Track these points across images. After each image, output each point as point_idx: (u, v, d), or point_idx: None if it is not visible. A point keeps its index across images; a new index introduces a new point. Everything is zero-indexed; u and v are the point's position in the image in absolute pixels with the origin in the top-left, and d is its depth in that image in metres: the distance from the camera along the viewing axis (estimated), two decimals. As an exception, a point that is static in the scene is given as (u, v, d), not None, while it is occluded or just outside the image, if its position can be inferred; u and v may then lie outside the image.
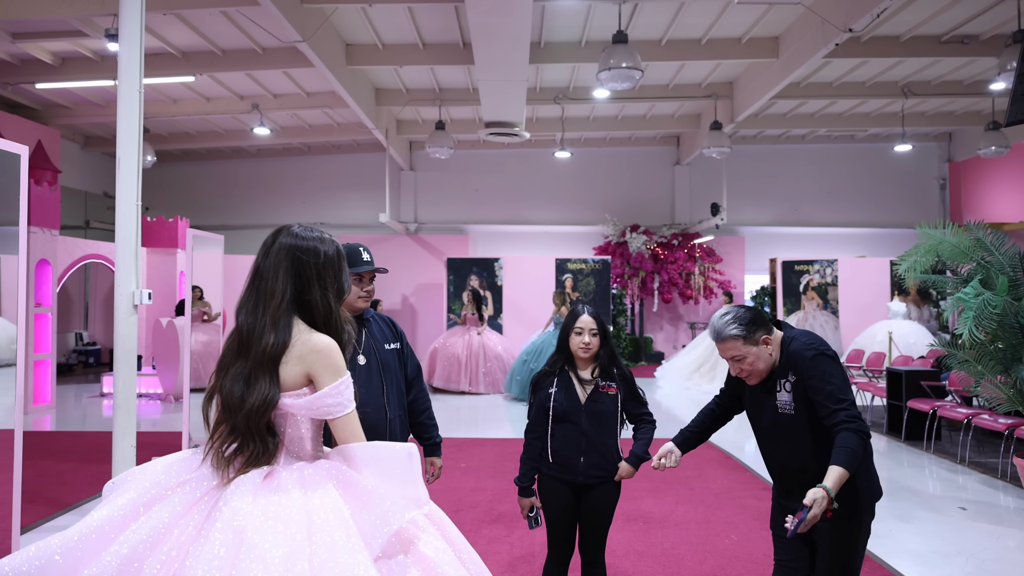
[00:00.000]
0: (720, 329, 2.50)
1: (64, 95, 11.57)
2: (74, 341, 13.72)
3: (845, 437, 2.30)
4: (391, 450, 1.69)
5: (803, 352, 2.44)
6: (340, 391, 1.69)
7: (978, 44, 9.93)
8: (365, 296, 2.70)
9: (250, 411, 1.64)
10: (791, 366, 2.46)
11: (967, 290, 4.53)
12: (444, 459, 6.47)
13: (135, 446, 4.36)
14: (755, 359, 2.49)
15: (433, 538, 1.69)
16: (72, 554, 1.53)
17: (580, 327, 2.99)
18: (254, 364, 1.67)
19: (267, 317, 1.70)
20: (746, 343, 2.47)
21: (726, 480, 5.86)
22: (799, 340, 2.49)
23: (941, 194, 16.03)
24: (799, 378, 2.43)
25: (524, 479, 3.03)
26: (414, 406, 2.92)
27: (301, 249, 1.76)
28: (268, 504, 1.55)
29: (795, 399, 2.46)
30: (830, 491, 2.21)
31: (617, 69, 7.81)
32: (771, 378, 2.52)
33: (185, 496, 1.60)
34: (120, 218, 4.31)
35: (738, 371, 2.54)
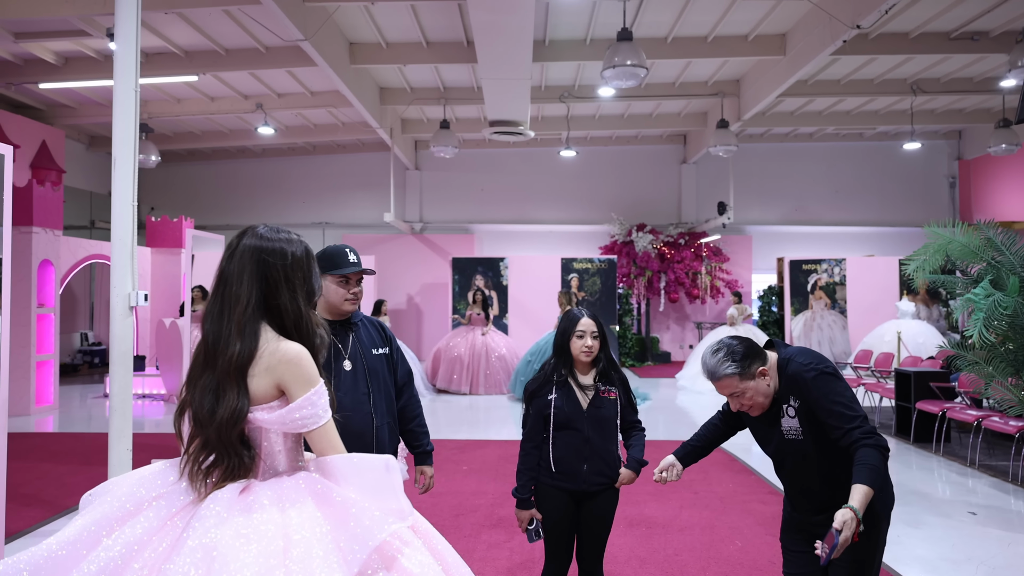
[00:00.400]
0: (714, 369, 2.38)
1: (68, 95, 11.57)
2: (79, 341, 13.73)
3: (865, 453, 2.21)
4: (369, 461, 1.63)
5: (803, 374, 2.33)
6: (312, 402, 1.61)
7: (988, 40, 9.80)
8: (352, 298, 2.64)
9: (220, 424, 1.57)
10: (792, 390, 2.36)
11: (977, 291, 4.43)
12: (446, 461, 6.46)
13: (131, 449, 4.31)
14: (754, 393, 2.39)
15: (417, 552, 1.63)
16: (41, 572, 1.47)
17: (582, 330, 2.90)
18: (222, 375, 1.60)
19: (232, 324, 1.62)
20: (743, 379, 2.36)
21: (732, 484, 5.77)
22: (796, 361, 2.38)
23: (951, 192, 15.86)
24: (803, 401, 2.33)
25: (523, 491, 2.94)
26: (404, 413, 2.84)
27: (267, 251, 1.68)
28: (242, 521, 1.49)
29: (802, 423, 2.36)
30: (858, 512, 2.11)
31: (622, 67, 7.73)
32: (773, 405, 2.42)
33: (160, 511, 1.54)
34: (116, 219, 4.26)
35: (738, 407, 2.44)
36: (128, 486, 1.61)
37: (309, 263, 1.74)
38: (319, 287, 1.78)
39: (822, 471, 2.37)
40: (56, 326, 9.27)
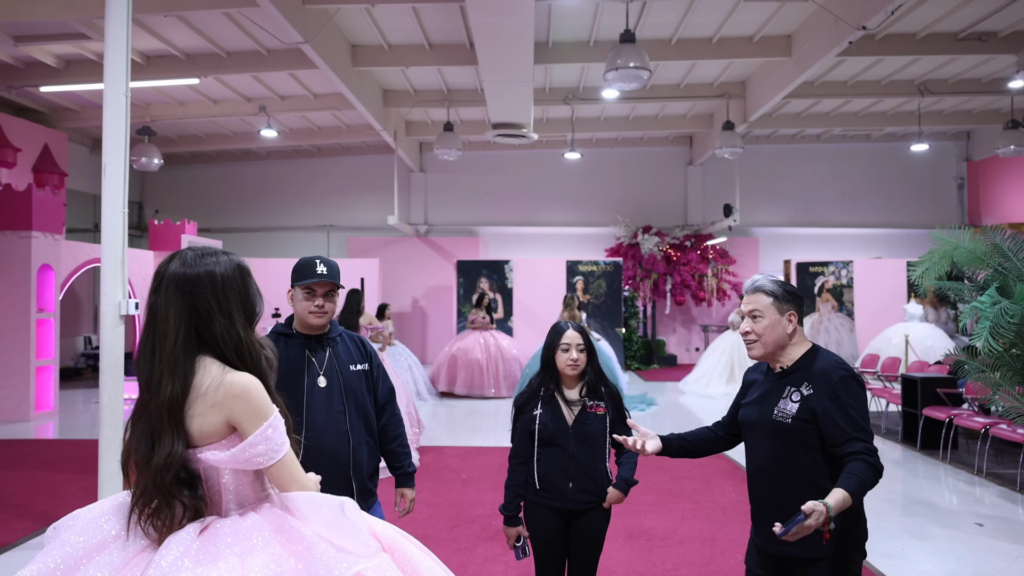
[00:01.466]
0: (758, 280, 2.36)
1: (71, 98, 11.57)
2: (83, 345, 13.74)
3: (860, 467, 2.13)
4: (327, 501, 1.54)
5: (833, 370, 2.26)
6: (267, 436, 1.51)
7: (996, 41, 9.66)
8: (317, 311, 2.54)
9: (155, 471, 1.48)
10: (811, 378, 2.27)
11: (983, 298, 4.32)
12: (445, 469, 6.38)
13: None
14: (771, 326, 2.30)
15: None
16: None
17: (567, 343, 2.82)
18: (156, 418, 1.51)
19: (163, 364, 1.51)
20: (774, 304, 2.31)
21: (734, 493, 5.67)
22: (831, 359, 2.32)
23: (959, 194, 15.69)
24: (816, 393, 2.23)
25: (509, 507, 2.88)
26: (384, 432, 2.75)
27: (191, 280, 1.55)
28: (198, 563, 1.41)
29: (799, 412, 2.24)
30: (831, 509, 2.00)
31: (624, 69, 7.64)
32: (783, 380, 2.32)
33: (114, 556, 1.47)
34: (106, 226, 4.21)
35: (748, 330, 2.35)
36: (90, 521, 1.54)
37: (243, 280, 1.61)
38: (260, 305, 1.66)
39: (788, 469, 2.26)
40: (56, 331, 9.25)
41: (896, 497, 5.83)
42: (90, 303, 14.21)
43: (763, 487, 2.34)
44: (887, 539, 4.71)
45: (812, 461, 2.24)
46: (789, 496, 2.22)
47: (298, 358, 2.53)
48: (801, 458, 2.24)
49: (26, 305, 8.66)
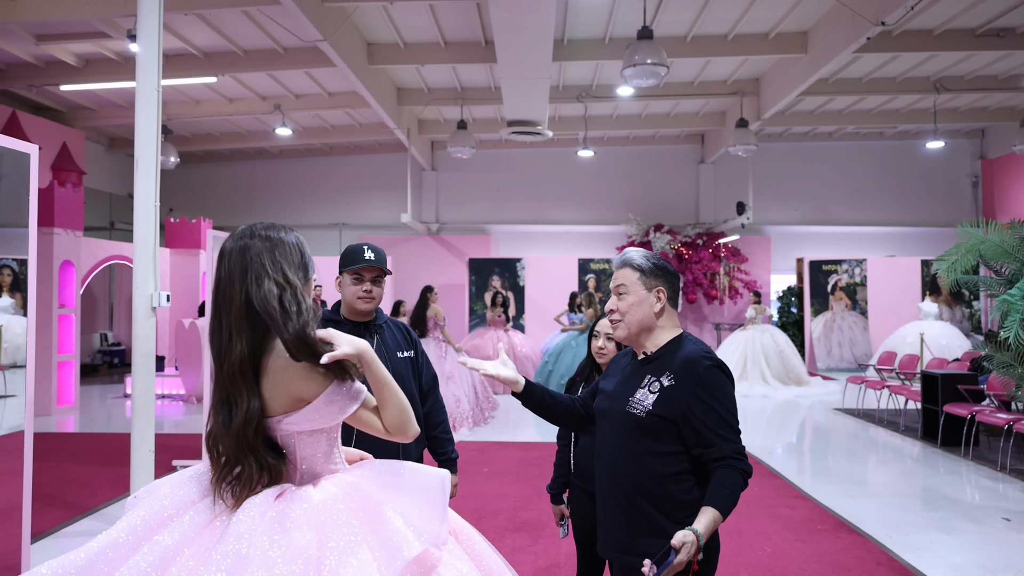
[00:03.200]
0: (627, 254, 2.13)
1: (88, 97, 11.65)
2: (99, 342, 13.83)
3: (728, 476, 1.89)
4: (423, 475, 1.57)
5: (699, 360, 1.99)
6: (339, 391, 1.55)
7: (1014, 37, 9.62)
8: (366, 296, 2.57)
9: (237, 432, 1.52)
10: (674, 367, 2.00)
11: (1013, 291, 4.32)
12: (466, 463, 6.42)
13: (153, 450, 4.30)
14: (636, 304, 2.07)
15: (456, 559, 1.58)
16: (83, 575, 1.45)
17: (597, 331, 2.89)
18: (229, 381, 1.54)
19: (230, 326, 1.55)
20: (641, 279, 2.08)
21: (756, 488, 5.68)
22: (697, 346, 2.06)
23: (973, 192, 15.61)
24: (677, 385, 1.97)
25: (553, 485, 2.96)
26: (429, 419, 2.78)
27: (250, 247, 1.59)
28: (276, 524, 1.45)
29: (656, 405, 1.98)
30: (700, 537, 1.80)
31: (642, 65, 7.64)
32: (644, 367, 2.07)
33: (195, 519, 1.51)
34: (138, 219, 4.25)
35: (612, 308, 2.11)
36: (167, 489, 1.58)
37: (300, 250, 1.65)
38: (311, 271, 1.67)
39: (628, 474, 2.01)
40: (77, 327, 9.32)
41: (918, 492, 5.82)
42: (106, 300, 14.30)
43: (605, 487, 2.09)
44: (914, 532, 4.71)
45: (663, 465, 1.98)
46: (631, 504, 2.00)
47: None
48: (650, 461, 1.98)
49: (48, 301, 8.73)
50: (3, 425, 4.45)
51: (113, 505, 5.09)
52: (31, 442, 3.47)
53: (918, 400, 7.88)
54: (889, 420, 8.62)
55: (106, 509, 5.03)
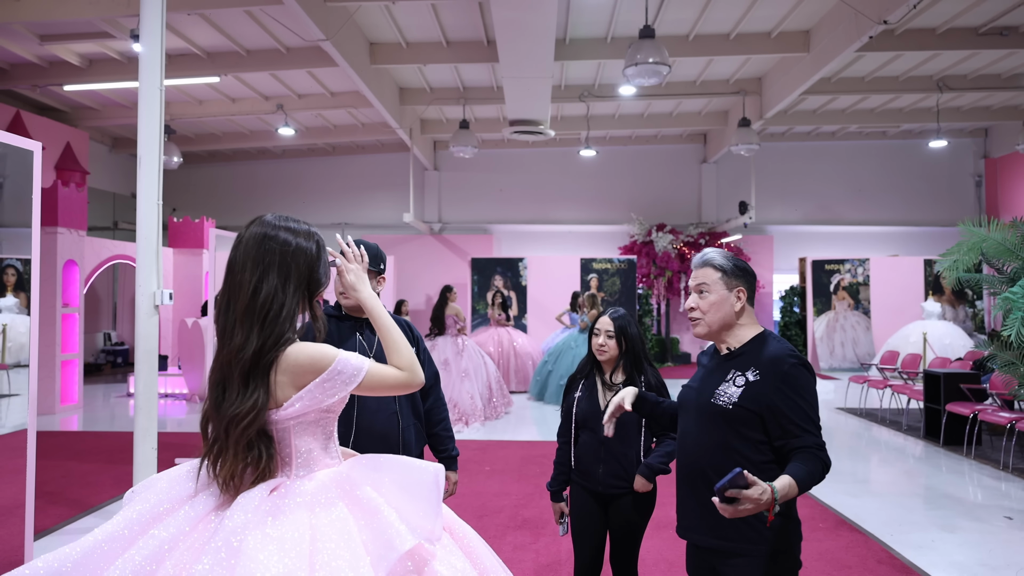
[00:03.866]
0: (707, 254, 2.19)
1: (92, 97, 11.69)
2: (103, 341, 13.87)
3: (807, 457, 1.96)
4: (420, 469, 1.58)
5: (785, 357, 2.06)
6: (338, 371, 1.55)
7: (1017, 36, 9.61)
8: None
9: (228, 421, 1.53)
10: (760, 363, 2.07)
11: (1015, 289, 4.31)
12: (468, 461, 6.42)
13: (156, 448, 4.32)
14: (718, 303, 2.13)
15: (451, 555, 1.58)
16: (79, 568, 1.47)
17: (598, 328, 2.92)
18: (225, 367, 1.56)
19: (235, 313, 1.56)
20: (722, 279, 2.14)
21: (758, 486, 5.68)
22: (781, 345, 2.12)
23: (977, 191, 15.59)
24: (762, 380, 2.04)
25: (553, 483, 2.97)
26: (430, 416, 2.80)
27: (269, 237, 1.62)
28: (269, 522, 1.45)
29: (742, 399, 2.04)
30: (777, 494, 1.81)
31: (644, 65, 7.64)
32: (728, 362, 2.14)
33: (191, 513, 1.52)
34: (141, 218, 4.27)
35: (693, 305, 2.18)
36: (164, 484, 1.59)
37: (317, 253, 1.67)
38: (325, 281, 1.70)
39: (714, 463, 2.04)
40: (80, 326, 9.35)
41: (920, 491, 5.82)
42: (110, 300, 14.35)
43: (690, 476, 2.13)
44: (915, 531, 4.71)
45: (749, 452, 2.04)
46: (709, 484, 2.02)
47: (349, 340, 2.57)
48: (737, 448, 2.04)
49: (52, 300, 8.76)
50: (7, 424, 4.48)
51: (116, 503, 5.11)
52: (34, 440, 3.48)
53: (920, 399, 7.87)
54: (892, 419, 8.61)
55: (109, 507, 5.05)
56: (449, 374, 8.50)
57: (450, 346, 8.67)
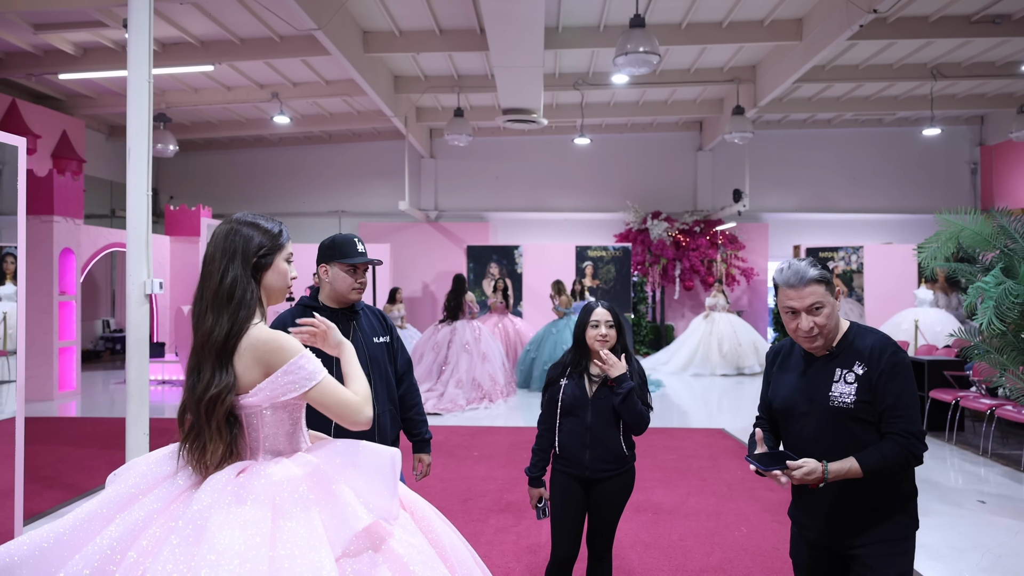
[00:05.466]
0: (802, 271, 2.13)
1: (88, 85, 11.72)
2: (101, 328, 13.99)
3: (888, 444, 2.05)
4: (375, 452, 1.67)
5: (886, 347, 2.12)
6: (300, 365, 1.66)
7: (1010, 24, 9.60)
8: (358, 288, 2.68)
9: (199, 402, 1.64)
10: (861, 357, 2.12)
11: (987, 279, 4.40)
12: (457, 447, 6.54)
13: (148, 433, 4.42)
14: (830, 314, 2.13)
15: (408, 534, 1.67)
16: (60, 544, 1.58)
17: (596, 320, 2.97)
18: (198, 352, 1.68)
19: (206, 300, 1.69)
20: (828, 290, 2.13)
21: (739, 471, 5.79)
22: (876, 334, 2.18)
23: (972, 179, 15.61)
24: (870, 370, 2.09)
25: (533, 469, 3.06)
26: (404, 401, 2.89)
27: (234, 231, 1.76)
28: (234, 497, 1.56)
29: (859, 394, 2.09)
30: (827, 473, 1.99)
31: (634, 54, 7.68)
32: (831, 362, 2.16)
33: (163, 493, 1.63)
34: (131, 208, 4.35)
35: (809, 327, 2.12)
36: (142, 467, 1.70)
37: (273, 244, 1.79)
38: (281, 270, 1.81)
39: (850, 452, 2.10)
40: (77, 313, 9.45)
41: (901, 476, 5.92)
42: (108, 287, 14.45)
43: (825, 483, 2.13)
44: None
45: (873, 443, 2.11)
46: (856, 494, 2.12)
47: None
48: (865, 442, 2.10)
49: (49, 288, 8.86)
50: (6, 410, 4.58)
51: (110, 487, 5.22)
52: (22, 426, 3.59)
53: (906, 386, 7.96)
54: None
55: (102, 491, 5.16)
56: (471, 356, 8.98)
57: (468, 331, 9.15)
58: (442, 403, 8.52)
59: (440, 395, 8.66)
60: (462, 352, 8.99)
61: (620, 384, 2.85)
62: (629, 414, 2.87)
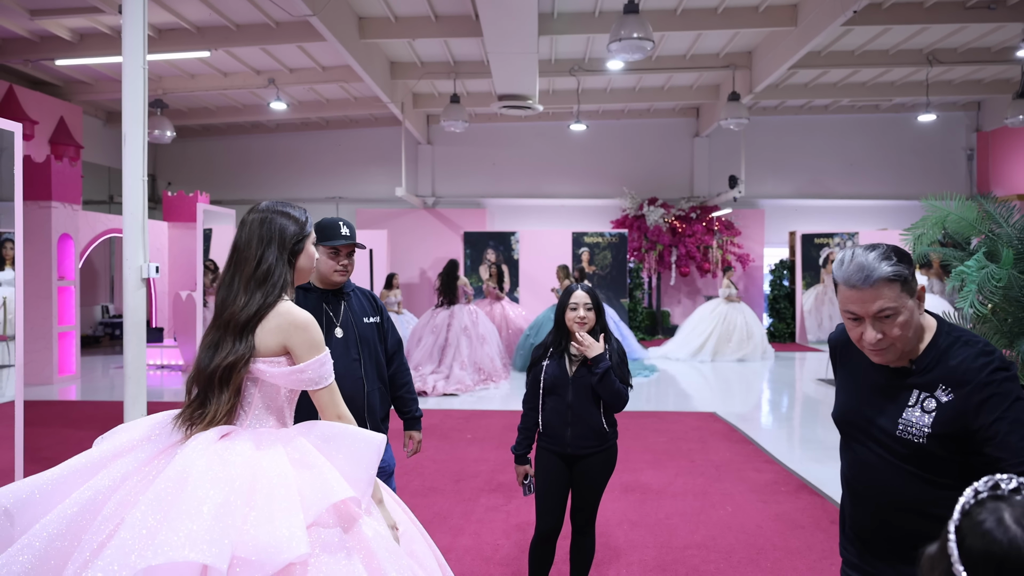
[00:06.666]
0: (869, 266, 1.60)
1: (85, 71, 11.74)
2: (100, 314, 14.07)
3: None
4: (359, 438, 1.76)
5: (979, 365, 1.59)
6: (322, 363, 1.81)
7: (1005, 9, 9.62)
8: (341, 270, 2.75)
9: (215, 369, 1.76)
10: (947, 377, 1.62)
11: (970, 263, 4.46)
12: (451, 430, 6.64)
13: (146, 415, 4.51)
14: (908, 321, 1.62)
15: (376, 522, 1.75)
16: (47, 492, 1.67)
17: (575, 303, 3.06)
18: (223, 329, 1.79)
19: (241, 283, 1.82)
20: (904, 290, 1.61)
21: (728, 452, 5.90)
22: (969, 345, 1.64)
23: (968, 165, 15.65)
24: (957, 398, 1.60)
25: (519, 447, 3.17)
26: (394, 380, 2.97)
27: (269, 219, 1.90)
28: (217, 456, 1.65)
29: (935, 427, 1.61)
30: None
31: (628, 40, 7.70)
32: (906, 381, 1.68)
33: (149, 449, 1.73)
34: (127, 194, 4.42)
35: (876, 339, 1.63)
36: (129, 429, 1.79)
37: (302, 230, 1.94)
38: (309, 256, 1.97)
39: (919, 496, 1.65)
40: (76, 298, 9.53)
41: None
42: (107, 273, 14.52)
43: (877, 514, 1.74)
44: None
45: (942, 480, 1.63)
46: (899, 529, 1.68)
47: (317, 310, 2.73)
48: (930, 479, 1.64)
49: (47, 273, 8.93)
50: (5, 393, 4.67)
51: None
52: (21, 409, 3.67)
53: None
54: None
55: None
56: (470, 339, 9.17)
57: (466, 314, 9.35)
58: (450, 385, 8.72)
59: (446, 377, 8.85)
60: (462, 335, 9.15)
61: (597, 364, 2.94)
62: (606, 392, 2.97)
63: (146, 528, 1.49)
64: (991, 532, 0.90)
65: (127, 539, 1.48)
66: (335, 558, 1.57)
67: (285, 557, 1.47)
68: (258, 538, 1.48)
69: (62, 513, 1.60)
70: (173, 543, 1.43)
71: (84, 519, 1.60)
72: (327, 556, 1.57)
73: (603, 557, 3.79)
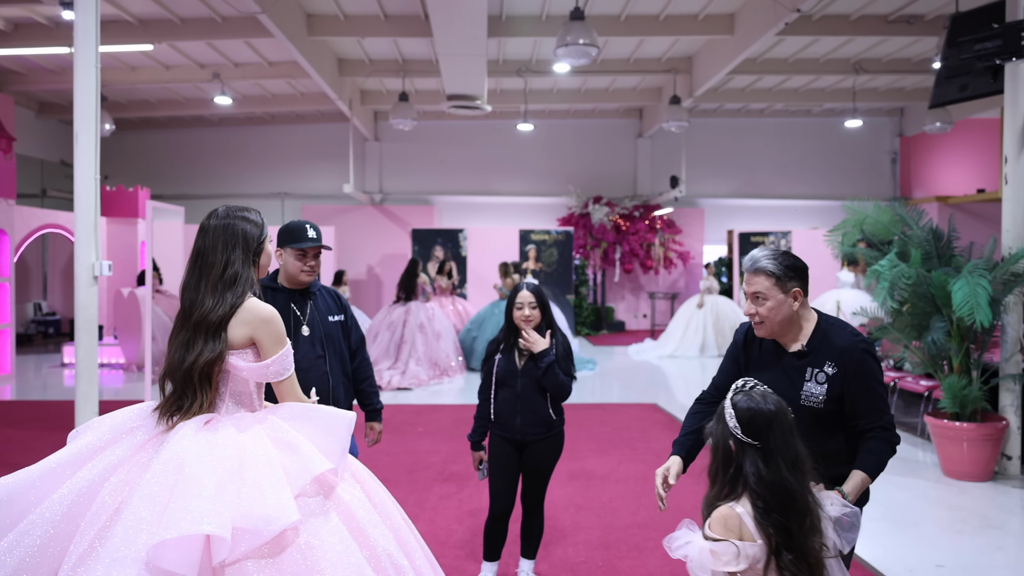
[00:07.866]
0: (755, 258, 2.25)
1: (18, 61, 11.36)
2: (33, 311, 13.63)
3: (877, 444, 2.16)
4: (331, 416, 1.94)
5: (857, 345, 2.19)
6: (285, 356, 1.97)
7: (923, 24, 10.27)
8: (308, 271, 2.90)
9: (193, 365, 1.88)
10: (834, 356, 2.19)
11: (883, 262, 4.88)
12: (403, 424, 6.79)
13: (97, 413, 4.54)
14: (775, 308, 2.21)
15: (351, 487, 1.94)
16: (34, 487, 1.76)
17: (520, 302, 3.30)
18: (195, 329, 1.92)
19: (208, 287, 1.95)
20: (776, 285, 2.21)
21: (667, 441, 6.22)
22: (846, 331, 2.24)
23: (892, 168, 16.54)
24: (840, 371, 2.18)
25: (474, 434, 3.40)
26: (357, 374, 3.15)
27: (231, 226, 2.03)
28: (205, 441, 1.80)
29: (829, 394, 2.18)
30: (847, 497, 2.05)
31: (574, 46, 7.96)
32: (800, 362, 2.25)
33: (136, 439, 1.85)
34: (79, 190, 4.43)
35: (752, 312, 2.25)
36: (110, 421, 1.91)
37: (260, 235, 2.09)
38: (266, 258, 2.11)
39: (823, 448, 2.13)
40: (11, 296, 9.27)
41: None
42: (39, 270, 14.06)
43: None
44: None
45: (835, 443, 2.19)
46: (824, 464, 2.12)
47: (284, 310, 2.87)
48: (826, 442, 2.17)
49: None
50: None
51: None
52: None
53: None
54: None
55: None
56: (426, 336, 9.36)
57: (423, 311, 9.54)
58: (405, 380, 8.89)
59: (402, 372, 9.03)
60: (417, 332, 9.30)
61: (542, 358, 3.18)
62: (551, 384, 3.22)
63: (151, 508, 1.63)
64: (743, 401, 1.95)
65: (133, 520, 1.61)
66: (320, 521, 1.75)
67: (280, 524, 1.64)
68: (252, 510, 1.65)
69: (60, 501, 1.71)
70: (182, 519, 1.58)
71: (80, 506, 1.71)
72: (313, 519, 1.75)
73: (551, 537, 4.03)
